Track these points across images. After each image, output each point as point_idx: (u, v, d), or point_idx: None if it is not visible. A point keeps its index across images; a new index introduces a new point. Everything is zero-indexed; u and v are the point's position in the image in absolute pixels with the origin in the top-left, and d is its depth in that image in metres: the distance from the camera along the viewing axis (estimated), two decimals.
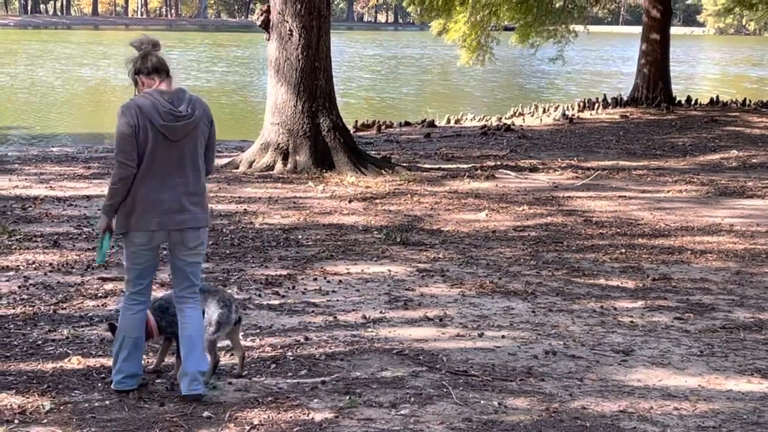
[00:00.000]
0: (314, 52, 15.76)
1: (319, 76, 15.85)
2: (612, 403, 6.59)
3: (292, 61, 15.66)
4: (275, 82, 15.87)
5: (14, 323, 7.95)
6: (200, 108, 6.17)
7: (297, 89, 15.69)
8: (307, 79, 15.73)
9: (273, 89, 15.95)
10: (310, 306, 8.63)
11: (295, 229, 11.68)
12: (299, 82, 15.69)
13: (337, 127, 15.98)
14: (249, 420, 6.08)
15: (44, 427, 5.89)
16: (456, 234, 11.78)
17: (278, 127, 15.75)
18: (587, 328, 8.28)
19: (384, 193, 14.14)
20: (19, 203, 12.72)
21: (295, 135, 15.70)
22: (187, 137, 6.11)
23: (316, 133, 15.76)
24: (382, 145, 20.19)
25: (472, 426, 6.13)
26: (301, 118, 15.70)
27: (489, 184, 15.32)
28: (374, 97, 36.38)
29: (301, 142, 15.72)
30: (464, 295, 9.14)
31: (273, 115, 15.87)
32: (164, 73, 6.22)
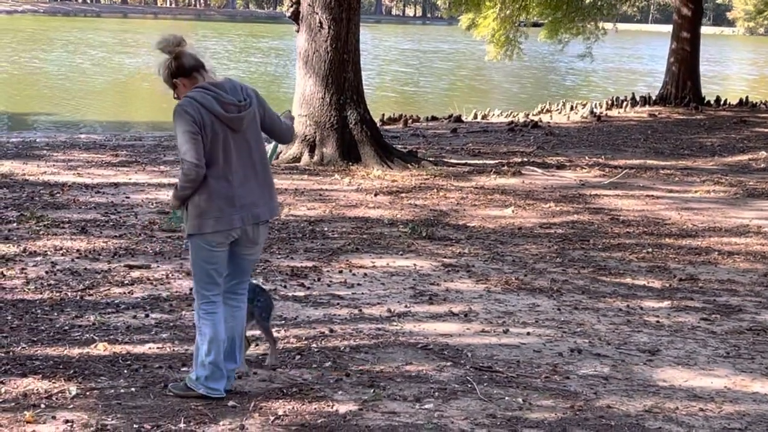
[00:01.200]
0: (343, 44, 15.75)
1: (347, 69, 15.84)
2: (637, 403, 6.56)
3: (321, 53, 15.66)
4: (303, 73, 15.87)
5: (41, 308, 7.98)
6: (252, 93, 6.07)
7: (325, 81, 15.69)
8: (336, 71, 15.72)
9: (301, 81, 15.95)
10: (335, 298, 8.63)
11: (321, 222, 11.69)
12: (328, 74, 15.69)
13: (365, 120, 15.97)
14: (273, 410, 6.09)
15: (70, 412, 5.90)
16: (482, 230, 11.76)
17: (306, 118, 15.75)
18: (613, 327, 8.25)
19: (410, 187, 14.13)
20: (47, 189, 12.77)
21: (323, 127, 15.70)
22: (249, 126, 6.00)
23: (343, 125, 15.76)
24: (408, 140, 20.16)
25: (496, 422, 6.12)
26: (328, 111, 15.70)
27: (515, 181, 15.28)
28: (405, 91, 36.31)
29: (328, 135, 15.72)
30: (489, 291, 9.13)
31: (301, 107, 15.87)
32: (202, 68, 6.08)
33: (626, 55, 64.09)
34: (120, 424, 5.79)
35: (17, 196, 12.27)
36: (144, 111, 27.47)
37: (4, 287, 8.49)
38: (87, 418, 5.83)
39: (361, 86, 16.20)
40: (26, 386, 6.29)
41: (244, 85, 6.11)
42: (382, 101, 30.78)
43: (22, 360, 6.75)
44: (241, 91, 6.03)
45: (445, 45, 64.42)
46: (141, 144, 17.32)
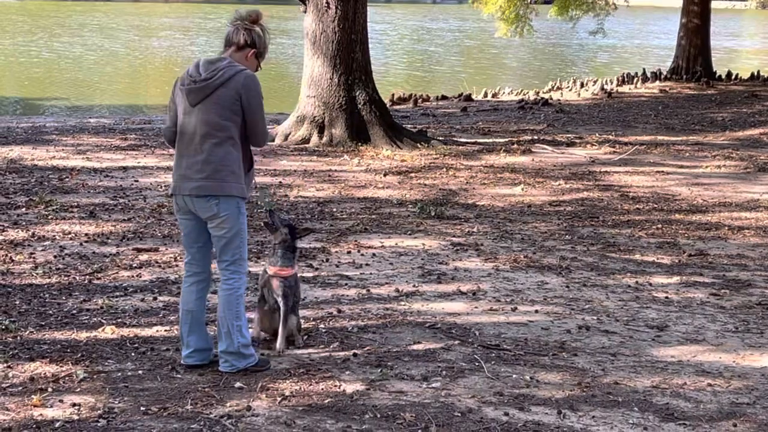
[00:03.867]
0: (351, 24, 15.70)
1: (355, 49, 15.79)
2: (645, 379, 6.55)
3: (329, 33, 15.62)
4: (311, 54, 15.84)
5: (50, 292, 7.99)
6: (226, 75, 6.07)
7: (333, 62, 15.65)
8: (344, 51, 15.68)
9: (309, 62, 15.92)
10: (343, 279, 8.63)
11: (330, 202, 11.68)
12: (335, 54, 15.65)
13: (373, 101, 15.94)
14: (281, 391, 6.09)
15: (78, 396, 5.92)
16: (491, 208, 11.74)
17: (314, 99, 15.73)
18: (621, 303, 8.23)
19: (419, 167, 14.10)
20: (56, 174, 12.78)
21: (331, 108, 15.67)
22: (203, 103, 6.08)
23: (351, 106, 15.72)
24: (418, 119, 20.11)
25: (503, 399, 6.12)
26: (337, 91, 15.67)
27: (525, 159, 15.24)
28: (416, 71, 36.20)
29: (337, 115, 15.69)
30: (498, 269, 9.11)
31: (309, 88, 15.84)
32: (226, 44, 6.30)
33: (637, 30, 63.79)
34: (127, 406, 5.80)
35: (26, 181, 12.28)
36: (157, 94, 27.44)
37: (12, 272, 8.50)
38: (94, 401, 5.84)
39: (369, 66, 16.15)
40: (34, 370, 6.30)
41: (227, 68, 6.11)
42: (393, 81, 30.70)
43: (30, 344, 6.76)
44: (213, 70, 6.10)
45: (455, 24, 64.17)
46: (150, 127, 17.31)
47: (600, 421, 5.88)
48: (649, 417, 5.97)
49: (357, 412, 5.83)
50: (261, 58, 6.32)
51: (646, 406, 6.11)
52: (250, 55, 6.24)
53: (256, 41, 6.25)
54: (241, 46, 6.22)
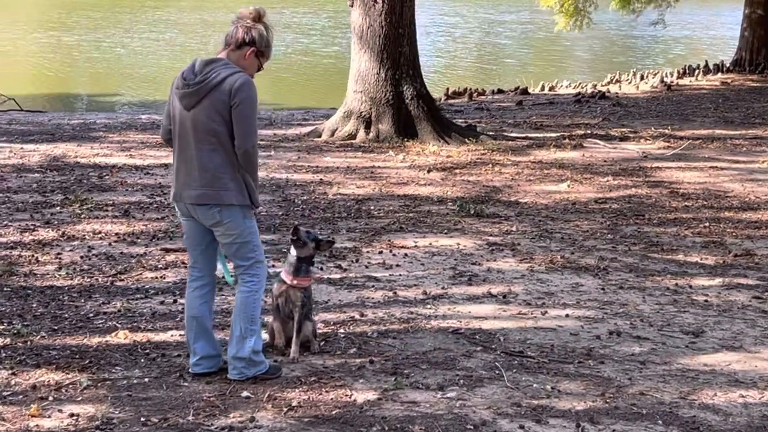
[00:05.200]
0: (398, 18, 15.43)
1: (402, 43, 15.53)
2: (673, 389, 6.25)
3: (375, 27, 15.37)
4: (358, 49, 15.60)
5: (69, 295, 7.86)
6: (217, 78, 5.83)
7: (380, 56, 15.39)
8: (391, 46, 15.42)
9: (356, 56, 15.69)
10: (371, 280, 8.40)
11: (369, 200, 11.44)
12: (382, 49, 15.39)
13: (421, 95, 15.67)
14: (288, 401, 5.89)
15: (77, 405, 5.76)
16: (534, 206, 11.43)
17: (361, 95, 15.49)
18: (658, 307, 7.92)
19: (465, 163, 13.82)
20: (96, 171, 12.69)
21: (378, 103, 15.43)
22: (197, 107, 5.86)
23: (399, 101, 15.46)
24: (471, 113, 19.79)
25: (520, 411, 5.85)
26: (384, 86, 15.42)
27: (575, 154, 14.88)
28: (487, 63, 35.69)
29: (384, 111, 15.44)
30: (533, 270, 8.83)
31: (356, 83, 15.62)
32: (225, 44, 6.06)
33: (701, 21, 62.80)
34: (126, 417, 5.63)
35: (65, 179, 12.20)
36: None
37: (35, 273, 8.39)
38: (94, 411, 5.68)
39: (417, 60, 15.89)
40: (38, 377, 6.16)
41: (221, 69, 5.88)
42: (461, 75, 30.35)
43: (39, 350, 6.62)
44: (206, 72, 5.88)
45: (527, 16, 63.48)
46: None
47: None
48: (673, 431, 5.66)
49: (365, 425, 5.60)
50: (263, 57, 6.06)
51: (671, 419, 5.81)
52: (248, 53, 5.98)
53: (256, 39, 5.98)
54: (239, 44, 5.98)
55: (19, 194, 11.29)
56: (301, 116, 18.63)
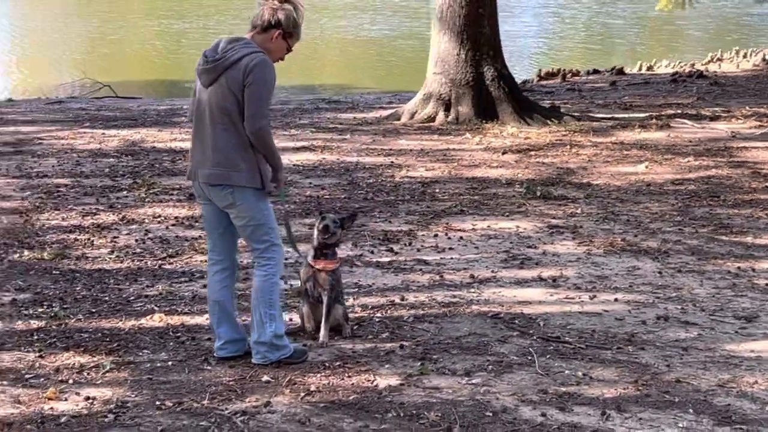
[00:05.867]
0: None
1: (483, 24, 15.29)
2: (712, 376, 6.00)
3: (456, 8, 15.15)
4: (438, 30, 15.41)
5: (115, 278, 7.88)
6: (234, 57, 5.73)
7: (460, 37, 15.18)
8: (471, 26, 15.19)
9: (436, 38, 15.50)
10: (420, 264, 8.25)
11: (435, 183, 11.27)
12: (462, 30, 15.17)
13: (502, 76, 15.41)
14: (307, 385, 5.79)
15: (96, 388, 5.73)
16: (605, 188, 11.14)
17: (440, 76, 15.30)
18: (714, 291, 7.63)
19: (542, 145, 13.54)
20: (170, 156, 12.74)
21: (458, 85, 15.22)
22: (214, 85, 5.77)
23: (479, 82, 15.23)
24: (562, 95, 19.45)
25: (545, 398, 5.66)
26: (464, 67, 15.20)
27: (660, 135, 14.46)
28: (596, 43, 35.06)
29: (464, 92, 15.23)
30: (590, 253, 8.58)
31: (436, 65, 15.43)
32: (252, 26, 5.94)
33: None
34: (142, 400, 5.59)
35: (138, 163, 12.27)
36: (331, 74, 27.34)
37: (87, 257, 8.43)
38: (111, 394, 5.65)
39: (498, 41, 15.63)
40: (63, 360, 6.15)
41: (240, 49, 5.78)
42: (568, 55, 29.90)
43: (71, 333, 6.62)
44: (224, 50, 5.80)
45: None
46: (281, 108, 17.18)
47: (646, 424, 5.37)
48: (703, 420, 5.43)
49: (380, 411, 5.47)
50: (291, 39, 5.93)
51: (703, 408, 5.56)
52: (276, 36, 5.86)
53: (282, 21, 5.84)
54: (265, 27, 5.85)
55: (90, 179, 11.39)
56: (387, 99, 18.51)
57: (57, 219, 9.62)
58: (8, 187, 10.97)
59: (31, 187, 10.94)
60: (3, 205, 10.17)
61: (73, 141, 13.61)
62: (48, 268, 8.07)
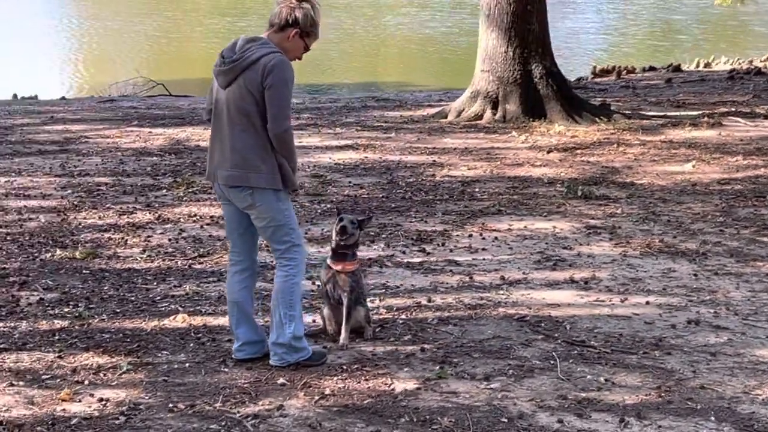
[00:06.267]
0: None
1: (531, 20, 15.14)
2: (738, 383, 5.84)
3: (503, 4, 15.02)
4: (485, 27, 15.29)
5: (144, 278, 7.86)
6: (252, 57, 5.65)
7: (508, 35, 15.04)
8: (519, 23, 15.04)
9: (484, 35, 15.37)
10: (451, 264, 8.15)
11: (476, 182, 11.16)
12: (510, 27, 15.03)
13: (551, 74, 15.24)
14: (322, 389, 5.71)
15: (110, 390, 5.71)
16: (649, 187, 10.95)
17: (488, 74, 15.18)
18: (750, 294, 7.45)
19: (589, 143, 13.36)
20: None
21: (505, 82, 15.08)
22: (232, 86, 5.70)
23: (527, 80, 15.08)
24: (616, 92, 19.21)
25: (564, 404, 5.54)
26: (511, 65, 15.06)
27: (711, 133, 14.21)
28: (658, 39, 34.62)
29: (511, 90, 15.09)
30: (625, 255, 8.42)
31: (483, 63, 15.31)
32: (270, 25, 5.87)
33: None
34: (155, 402, 5.55)
35: (180, 162, 12.29)
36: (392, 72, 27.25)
37: (119, 256, 8.43)
38: (124, 396, 5.62)
39: (547, 38, 15.45)
40: (82, 361, 6.14)
41: (257, 49, 5.69)
42: (627, 51, 29.55)
43: (93, 333, 6.61)
44: (241, 50, 5.72)
45: None
46: (329, 106, 17.14)
47: (665, 431, 5.22)
48: (725, 428, 5.29)
49: (394, 415, 5.39)
50: (309, 38, 5.84)
51: (726, 416, 5.41)
52: (292, 35, 5.77)
53: (300, 19, 5.75)
54: (282, 26, 5.77)
55: (131, 177, 11.42)
56: (438, 97, 18.42)
57: (94, 218, 9.64)
58: (50, 185, 11.02)
59: (72, 185, 10.98)
60: (42, 203, 10.22)
61: (119, 139, 13.67)
62: (78, 268, 8.08)
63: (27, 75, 24.31)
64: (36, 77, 23.92)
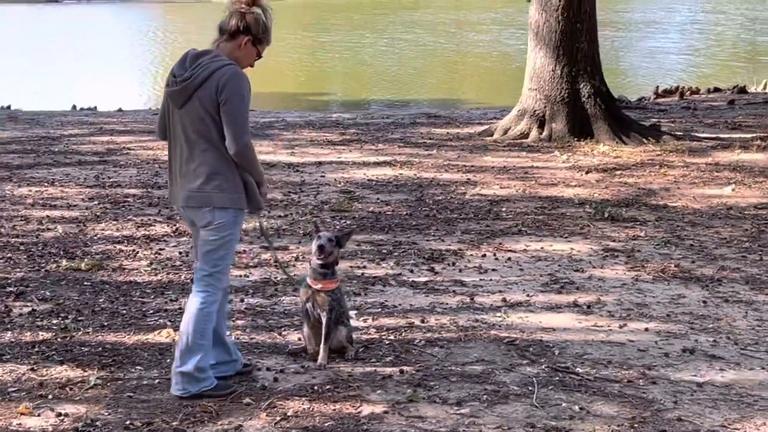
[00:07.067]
0: (575, 12, 14.84)
1: (580, 39, 14.92)
2: (719, 415, 5.61)
3: (552, 23, 14.83)
4: (534, 45, 15.11)
5: (143, 291, 7.83)
6: (205, 73, 5.48)
7: (556, 53, 14.85)
8: (567, 42, 14.84)
9: (532, 53, 15.20)
10: (456, 285, 8.00)
11: (505, 201, 10.97)
12: (558, 45, 14.83)
13: (599, 93, 15.00)
14: (285, 410, 5.60)
15: (73, 405, 5.65)
16: (681, 210, 10.68)
17: (535, 93, 14.99)
18: (756, 323, 7.19)
19: (631, 164, 13.11)
20: None
21: (552, 101, 14.87)
22: (187, 106, 5.53)
23: (574, 99, 14.86)
24: (675, 113, 18.85)
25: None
26: (559, 84, 14.85)
27: (761, 156, 13.85)
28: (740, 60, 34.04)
29: (558, 109, 14.88)
30: (637, 279, 8.20)
31: (531, 81, 15.12)
32: (219, 32, 5.70)
33: None
34: (113, 419, 5.49)
35: None
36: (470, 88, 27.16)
37: (124, 268, 8.41)
38: (84, 412, 5.56)
39: (597, 56, 15.22)
40: (53, 375, 6.10)
41: (209, 63, 5.50)
42: (706, 73, 29.12)
43: (72, 346, 6.57)
44: (193, 66, 5.52)
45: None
46: (378, 122, 17.07)
47: None
48: None
49: None
50: (261, 44, 5.70)
51: None
52: (244, 43, 5.62)
53: (251, 26, 5.59)
54: (233, 33, 5.61)
55: (161, 189, 11.42)
56: (493, 114, 18.23)
57: (111, 229, 9.65)
58: (78, 196, 11.08)
59: (100, 196, 11.02)
60: (65, 213, 10.26)
61: (160, 152, 13.71)
62: (80, 279, 8.07)
63: (111, 86, 24.90)
64: (117, 87, 24.50)
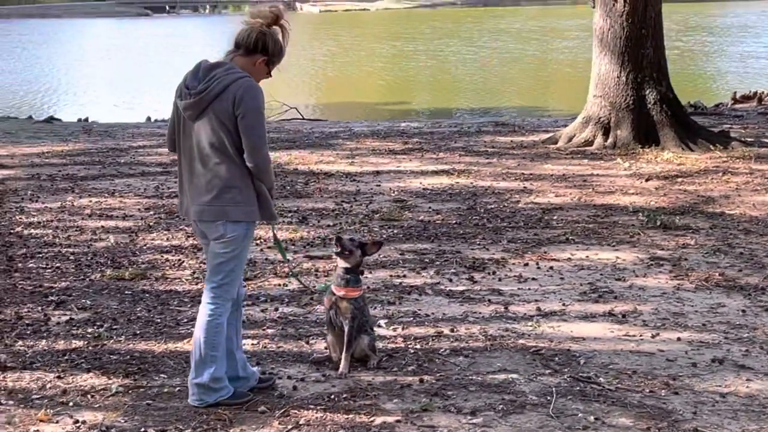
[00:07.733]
0: (640, 18, 14.68)
1: (645, 44, 14.75)
2: (737, 427, 5.52)
3: (616, 29, 14.69)
4: (599, 52, 14.98)
5: (181, 299, 7.92)
6: (220, 86, 5.46)
7: (621, 59, 14.70)
8: (632, 47, 14.69)
9: (597, 60, 15.06)
10: (492, 294, 7.96)
11: (558, 210, 10.88)
12: (623, 51, 14.69)
13: (666, 99, 14.81)
14: (298, 418, 5.62)
15: (90, 412, 5.74)
16: (738, 218, 10.49)
17: (600, 99, 14.85)
18: None
19: (694, 171, 12.91)
20: (305, 178, 12.79)
21: (617, 108, 14.72)
22: (202, 119, 5.53)
23: (640, 105, 14.70)
24: (751, 119, 18.54)
25: None
26: (624, 90, 14.70)
27: None
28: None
29: (624, 116, 14.72)
30: (679, 288, 8.08)
31: (596, 88, 14.99)
32: (235, 45, 5.72)
33: None
34: (128, 426, 5.57)
35: None
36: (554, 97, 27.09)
37: (166, 277, 8.51)
38: (101, 419, 5.64)
39: (663, 62, 15.03)
40: (78, 382, 6.19)
41: (224, 76, 5.49)
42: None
43: (102, 354, 6.67)
44: (207, 79, 5.50)
45: None
46: (443, 131, 17.05)
47: None
48: None
49: None
50: (272, 65, 5.70)
51: None
52: (259, 62, 5.63)
53: (269, 47, 5.62)
54: (250, 50, 5.63)
55: None
56: (563, 122, 18.09)
57: (161, 239, 9.77)
58: (135, 206, 11.24)
59: (156, 207, 11.17)
60: (119, 224, 10.41)
61: None
62: (122, 288, 8.19)
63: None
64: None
